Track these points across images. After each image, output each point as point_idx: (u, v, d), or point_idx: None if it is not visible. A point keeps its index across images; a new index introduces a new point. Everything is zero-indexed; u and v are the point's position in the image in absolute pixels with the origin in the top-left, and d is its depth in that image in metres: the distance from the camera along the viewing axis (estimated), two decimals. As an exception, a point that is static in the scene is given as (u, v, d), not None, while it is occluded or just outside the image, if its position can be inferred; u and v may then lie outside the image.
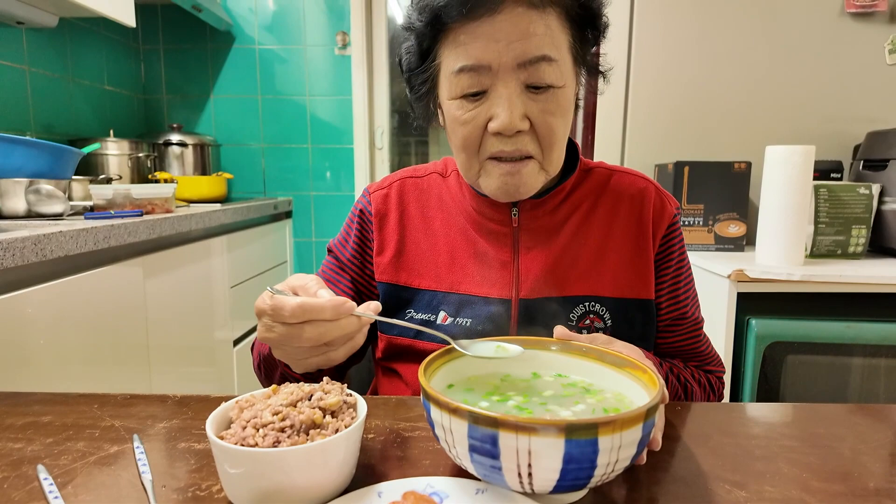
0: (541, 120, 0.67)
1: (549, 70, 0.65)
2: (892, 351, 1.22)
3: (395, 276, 0.79)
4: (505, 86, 0.65)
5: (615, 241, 0.77)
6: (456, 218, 0.79)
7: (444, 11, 0.64)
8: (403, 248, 0.79)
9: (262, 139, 2.70)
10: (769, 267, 1.26)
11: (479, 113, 0.67)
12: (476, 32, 0.64)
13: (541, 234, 0.77)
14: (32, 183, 1.39)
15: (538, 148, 0.68)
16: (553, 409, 0.49)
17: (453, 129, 0.70)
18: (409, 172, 0.85)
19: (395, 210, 0.81)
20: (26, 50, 1.90)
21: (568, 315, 0.74)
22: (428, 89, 0.73)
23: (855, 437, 0.58)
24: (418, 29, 0.68)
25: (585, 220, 0.78)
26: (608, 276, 0.76)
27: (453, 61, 0.67)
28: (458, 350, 0.55)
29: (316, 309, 0.54)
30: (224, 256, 1.92)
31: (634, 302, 0.76)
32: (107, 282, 1.29)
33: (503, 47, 0.64)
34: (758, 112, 1.60)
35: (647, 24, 1.60)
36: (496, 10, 0.63)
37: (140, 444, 0.54)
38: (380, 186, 0.84)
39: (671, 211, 0.79)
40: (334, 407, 0.47)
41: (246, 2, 2.62)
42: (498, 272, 0.76)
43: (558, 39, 0.66)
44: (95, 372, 1.26)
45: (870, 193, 1.36)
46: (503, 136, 0.67)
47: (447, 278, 0.77)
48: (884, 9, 1.54)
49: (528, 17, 0.64)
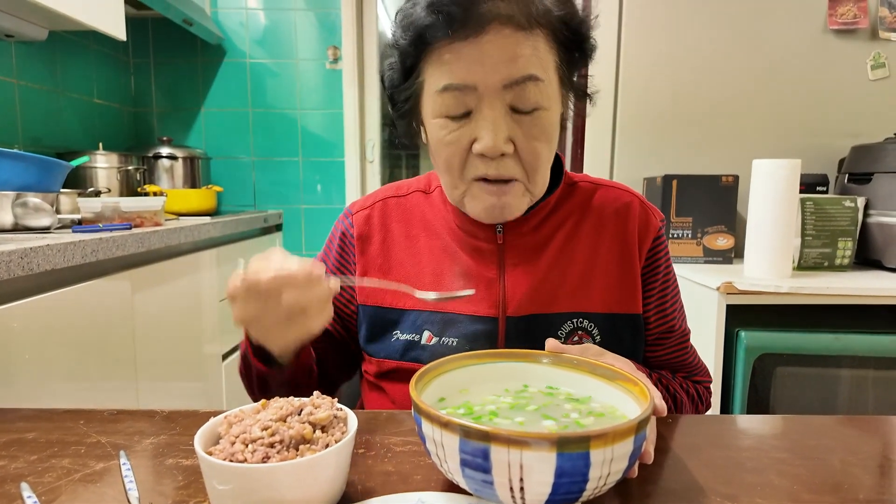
0: (525, 144, 0.66)
1: (536, 90, 0.64)
2: (879, 362, 1.23)
3: (379, 299, 0.77)
4: (490, 108, 0.64)
5: (601, 257, 0.76)
6: (440, 236, 0.78)
7: (428, 31, 0.64)
8: (388, 269, 0.78)
9: (253, 152, 2.70)
10: (757, 279, 1.27)
11: (462, 134, 0.66)
12: (461, 53, 0.63)
13: (526, 251, 0.76)
14: (19, 196, 1.38)
15: (522, 171, 0.68)
16: (544, 422, 0.49)
17: (437, 149, 0.69)
18: (392, 191, 0.83)
19: (379, 232, 0.80)
20: (15, 63, 1.90)
21: (556, 332, 0.74)
22: (411, 107, 0.72)
23: (845, 448, 0.58)
24: (402, 47, 0.68)
25: (571, 235, 0.77)
26: (595, 291, 0.75)
27: (437, 80, 0.66)
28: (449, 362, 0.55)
29: (289, 277, 0.56)
30: (213, 270, 1.91)
31: (623, 317, 0.75)
32: (94, 296, 1.28)
33: (489, 69, 0.63)
34: (745, 126, 1.62)
35: (635, 39, 1.62)
36: (483, 31, 0.62)
37: (126, 461, 0.53)
38: (362, 206, 0.82)
39: (656, 224, 0.79)
40: (324, 422, 0.47)
41: (237, 16, 2.63)
42: (484, 290, 0.74)
43: (545, 60, 0.65)
44: (82, 387, 1.24)
45: (855, 206, 1.38)
46: (487, 158, 0.66)
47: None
48: (865, 26, 1.57)
49: (514, 38, 0.63)
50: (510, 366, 0.58)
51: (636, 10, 1.61)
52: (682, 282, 1.45)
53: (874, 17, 1.57)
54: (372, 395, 0.81)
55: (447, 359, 0.56)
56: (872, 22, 1.57)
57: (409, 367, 0.74)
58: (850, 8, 1.57)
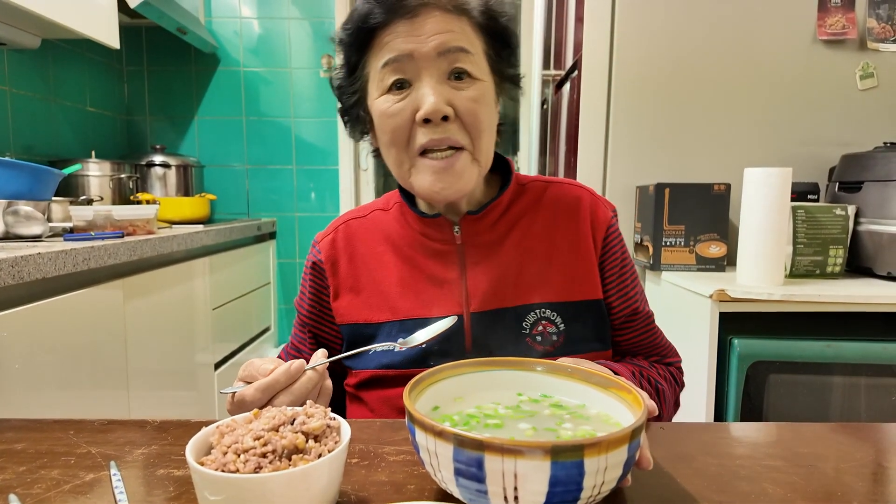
0: (465, 107, 0.70)
1: (468, 60, 0.71)
2: (871, 369, 1.24)
3: (355, 316, 0.80)
4: (429, 75, 0.70)
5: (558, 249, 0.79)
6: (403, 247, 0.81)
7: (369, 16, 0.70)
8: (359, 287, 0.81)
9: (247, 160, 2.70)
10: (750, 287, 1.27)
11: (405, 105, 0.70)
12: (398, 31, 0.70)
13: (484, 249, 0.79)
14: (11, 204, 1.37)
15: (467, 137, 0.71)
16: (538, 431, 0.49)
17: (382, 123, 0.73)
18: (353, 214, 0.87)
19: (345, 253, 0.83)
20: (7, 71, 1.89)
21: (521, 324, 0.76)
22: (358, 98, 0.77)
23: (838, 456, 0.58)
24: (346, 41, 0.74)
25: (527, 231, 0.80)
26: (555, 282, 0.78)
27: (379, 60, 0.71)
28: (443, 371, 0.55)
29: (272, 385, 0.59)
30: (206, 278, 1.90)
31: (584, 304, 0.78)
32: (86, 304, 1.27)
33: (423, 39, 0.69)
34: (736, 135, 1.64)
35: (627, 49, 1.64)
36: (416, 13, 0.69)
37: (117, 472, 0.52)
38: (325, 234, 0.85)
39: (608, 214, 0.83)
40: (317, 431, 0.46)
41: (231, 24, 2.64)
42: (447, 290, 0.77)
43: (473, 41, 0.72)
44: (72, 397, 1.23)
45: (846, 214, 1.39)
46: (432, 124, 0.70)
47: (401, 307, 0.78)
48: (854, 36, 1.59)
49: (444, 18, 0.70)
50: (505, 374, 0.58)
51: (628, 20, 1.63)
52: (674, 290, 1.46)
53: (862, 28, 1.59)
54: (352, 406, 0.83)
55: (441, 367, 0.55)
56: (861, 32, 1.59)
57: (383, 375, 0.77)
58: (839, 19, 1.59)
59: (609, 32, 1.65)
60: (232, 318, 2.13)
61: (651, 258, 1.52)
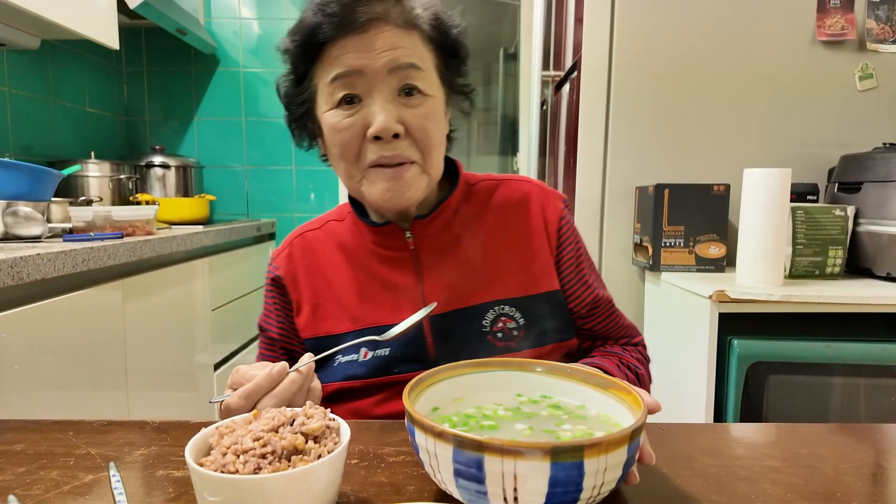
0: (416, 124, 0.70)
1: (419, 76, 0.70)
2: (870, 370, 1.24)
3: (315, 329, 0.80)
4: (379, 92, 0.69)
5: (511, 245, 0.80)
6: (358, 257, 0.81)
7: (318, 30, 0.69)
8: (318, 300, 0.80)
9: (246, 161, 2.70)
10: (749, 287, 1.27)
11: (355, 121, 0.70)
12: (348, 46, 0.69)
13: (438, 252, 0.79)
14: (10, 205, 1.37)
15: (418, 152, 0.72)
16: (536, 431, 0.49)
17: (332, 138, 0.72)
18: (308, 226, 0.87)
19: (301, 266, 0.82)
20: (7, 71, 1.89)
21: (481, 322, 0.77)
22: (306, 110, 0.76)
23: (837, 456, 0.58)
24: (293, 51, 0.73)
25: (479, 230, 0.80)
26: (510, 278, 0.78)
27: (328, 74, 0.70)
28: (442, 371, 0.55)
29: (255, 390, 0.58)
30: (206, 279, 1.90)
31: (541, 296, 0.79)
32: (85, 305, 1.27)
33: (374, 55, 0.68)
34: (736, 136, 1.64)
35: (627, 49, 1.64)
36: (366, 28, 0.68)
37: (116, 473, 0.52)
38: (281, 249, 0.85)
39: (558, 206, 0.83)
40: (317, 432, 0.46)
41: (231, 25, 2.64)
42: (405, 296, 0.77)
43: (424, 56, 0.72)
44: (71, 398, 1.22)
45: (845, 215, 1.39)
46: (382, 141, 0.69)
47: (361, 316, 0.78)
48: (853, 37, 1.59)
49: (395, 33, 0.69)
50: (504, 375, 0.58)
51: (628, 21, 1.63)
52: (674, 290, 1.46)
53: (861, 29, 1.59)
54: None
55: (441, 368, 0.55)
56: (860, 33, 1.59)
57: (350, 387, 0.76)
58: (838, 20, 1.59)
59: (608, 33, 1.65)
60: (231, 319, 2.13)
61: (650, 259, 1.52)
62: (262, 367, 0.61)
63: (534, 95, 2.07)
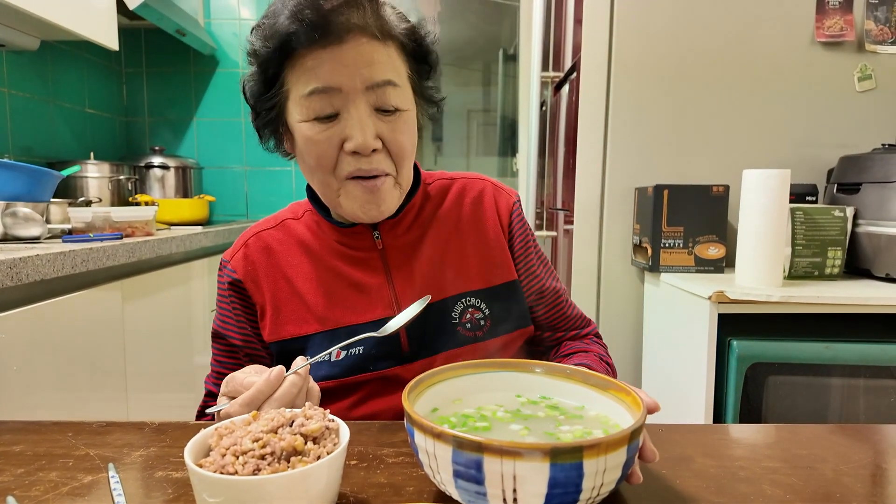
0: (392, 139, 0.72)
1: (395, 94, 0.71)
2: (869, 371, 1.24)
3: (280, 331, 0.78)
4: (356, 108, 0.69)
5: (471, 240, 0.83)
6: (321, 256, 0.80)
7: (294, 38, 0.67)
8: (279, 302, 0.78)
9: (245, 162, 2.70)
10: (749, 288, 1.27)
11: (332, 134, 0.70)
12: (323, 57, 0.68)
13: (405, 251, 0.81)
14: (9, 205, 1.37)
15: (392, 165, 0.73)
16: (535, 432, 0.49)
17: (307, 148, 0.72)
18: (259, 226, 0.84)
19: (261, 267, 0.80)
20: (6, 72, 1.89)
21: (450, 314, 0.79)
22: (276, 115, 0.75)
23: (836, 457, 0.58)
24: (264, 55, 0.71)
25: (440, 229, 0.83)
26: (473, 271, 0.82)
27: (304, 85, 0.69)
28: (442, 372, 0.55)
29: (256, 397, 0.57)
30: (205, 279, 1.90)
31: (502, 286, 0.82)
32: (84, 306, 1.27)
33: (352, 71, 0.68)
34: (735, 137, 1.64)
35: (626, 50, 1.64)
36: (343, 39, 0.68)
37: (115, 474, 0.52)
38: (234, 251, 0.82)
39: (510, 200, 0.87)
40: (316, 433, 0.46)
41: (230, 26, 2.64)
42: (376, 295, 0.78)
43: (399, 69, 0.73)
44: (70, 399, 1.22)
45: (844, 216, 1.39)
46: (359, 155, 0.70)
47: (330, 317, 0.77)
48: (852, 38, 1.59)
49: (371, 46, 0.69)
50: (504, 375, 0.58)
51: (627, 22, 1.63)
52: (673, 291, 1.46)
53: (860, 30, 1.60)
54: None
55: (440, 369, 0.55)
56: (859, 35, 1.60)
57: (325, 387, 0.74)
58: (837, 21, 1.59)
59: (608, 34, 1.65)
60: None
61: (650, 260, 1.52)
62: (257, 374, 0.60)
63: (533, 96, 2.07)
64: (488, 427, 0.50)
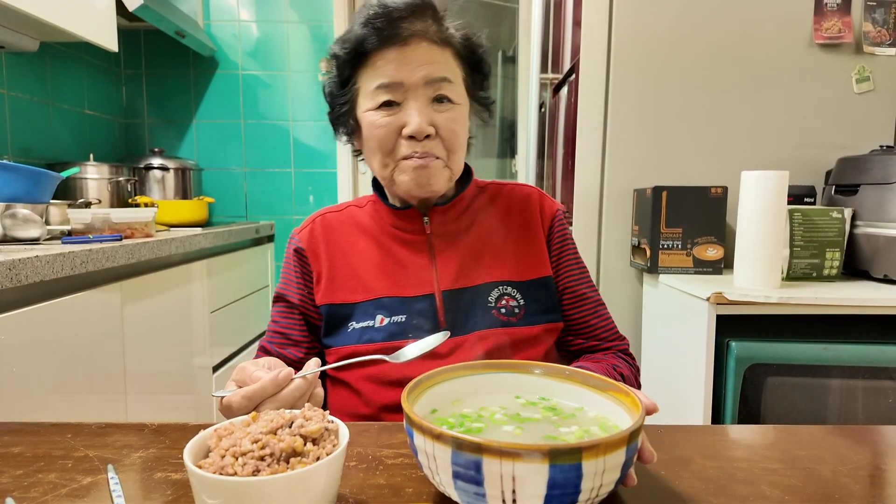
0: (445, 126, 0.81)
1: (450, 88, 0.82)
2: (868, 372, 1.24)
3: (332, 297, 0.88)
4: (415, 99, 0.80)
5: (511, 235, 0.91)
6: (376, 236, 0.91)
7: (366, 40, 0.79)
8: (335, 272, 0.89)
9: (245, 163, 2.70)
10: (747, 289, 1.28)
11: (393, 121, 0.80)
12: (389, 58, 0.80)
13: (450, 238, 0.89)
14: (9, 207, 1.37)
15: (444, 151, 0.82)
16: (534, 434, 0.49)
17: (371, 133, 0.82)
18: (328, 209, 0.96)
19: (322, 241, 0.91)
20: (5, 73, 1.89)
21: (487, 298, 0.86)
22: (348, 109, 0.86)
23: (835, 458, 0.58)
24: (342, 58, 0.83)
25: (486, 222, 0.92)
26: (511, 263, 0.89)
27: (372, 81, 0.81)
28: (441, 373, 0.55)
29: (259, 393, 0.59)
30: (204, 281, 1.90)
31: (536, 281, 0.89)
32: (83, 308, 1.27)
33: (413, 69, 0.79)
34: (733, 139, 1.64)
35: (625, 52, 1.64)
36: (407, 42, 0.79)
37: (115, 475, 0.52)
38: (303, 227, 0.94)
39: (554, 207, 0.95)
40: (315, 434, 0.46)
41: (230, 28, 2.64)
42: (420, 273, 0.87)
43: (454, 71, 0.84)
44: (70, 400, 1.22)
45: (842, 217, 1.39)
46: (415, 140, 0.80)
47: (377, 288, 0.87)
48: (850, 40, 1.60)
49: (431, 49, 0.81)
50: (503, 376, 0.58)
51: (626, 23, 1.63)
52: (672, 292, 1.46)
53: (858, 32, 1.60)
54: (335, 390, 0.87)
55: (439, 370, 0.56)
56: (857, 36, 1.60)
57: (365, 349, 0.83)
58: (835, 23, 1.60)
59: (607, 36, 1.65)
60: (230, 322, 2.13)
61: (648, 261, 1.53)
62: (267, 370, 0.62)
63: (532, 98, 2.07)
64: (480, 429, 0.50)
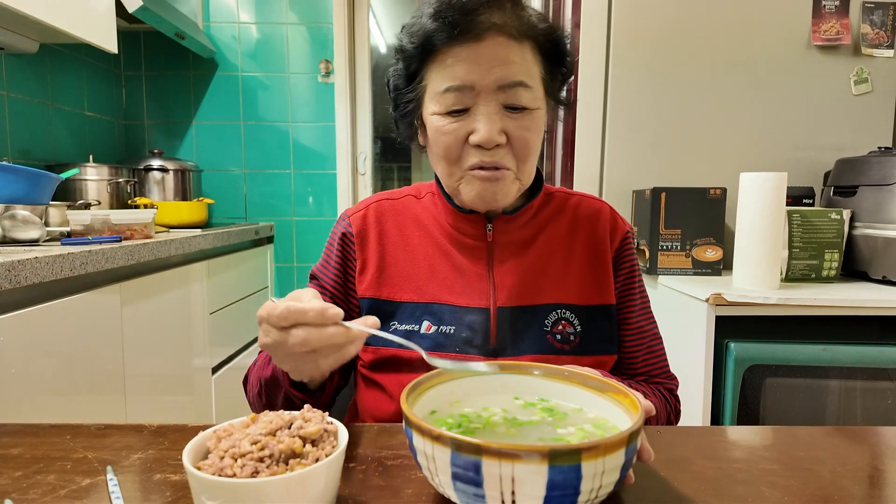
0: (517, 135, 0.73)
1: (525, 94, 0.73)
2: (866, 373, 1.24)
3: (377, 291, 0.82)
4: (486, 104, 0.72)
5: (577, 254, 0.83)
6: (433, 234, 0.84)
7: (435, 35, 0.71)
8: (384, 264, 0.83)
9: (244, 165, 2.70)
10: (746, 291, 1.28)
11: (460, 127, 0.73)
12: (461, 56, 0.71)
13: (512, 248, 0.82)
14: (8, 208, 1.37)
15: (514, 161, 0.75)
16: (532, 435, 0.49)
17: (436, 139, 0.75)
18: (385, 195, 0.89)
19: (374, 229, 0.85)
20: (5, 75, 1.89)
21: (542, 322, 0.79)
22: (413, 108, 0.79)
23: (834, 459, 0.58)
24: (408, 51, 0.75)
25: (551, 235, 0.84)
26: (573, 285, 0.82)
27: (440, 82, 0.73)
28: (441, 374, 0.55)
29: (300, 312, 0.55)
30: (204, 282, 1.90)
31: (598, 308, 0.82)
32: (83, 309, 1.27)
33: (485, 70, 0.71)
34: (732, 140, 1.65)
35: (623, 53, 1.64)
36: (481, 37, 0.70)
37: (114, 476, 0.52)
38: (357, 209, 0.87)
39: (624, 228, 0.87)
40: (314, 436, 0.46)
41: (229, 29, 2.64)
42: (475, 283, 0.80)
43: (532, 70, 0.74)
44: (69, 402, 1.22)
45: (841, 219, 1.40)
46: (483, 149, 0.73)
47: (428, 290, 0.80)
48: (848, 42, 1.60)
49: (507, 45, 0.71)
50: (502, 378, 0.58)
51: (625, 25, 1.64)
52: (671, 293, 1.46)
53: (856, 34, 1.60)
54: (368, 391, 0.81)
55: (438, 371, 0.56)
56: (855, 38, 1.60)
57: (408, 356, 0.76)
58: (834, 25, 1.60)
59: (605, 37, 1.66)
60: (229, 323, 2.13)
61: (647, 262, 1.53)
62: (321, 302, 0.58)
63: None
64: (474, 430, 0.50)
